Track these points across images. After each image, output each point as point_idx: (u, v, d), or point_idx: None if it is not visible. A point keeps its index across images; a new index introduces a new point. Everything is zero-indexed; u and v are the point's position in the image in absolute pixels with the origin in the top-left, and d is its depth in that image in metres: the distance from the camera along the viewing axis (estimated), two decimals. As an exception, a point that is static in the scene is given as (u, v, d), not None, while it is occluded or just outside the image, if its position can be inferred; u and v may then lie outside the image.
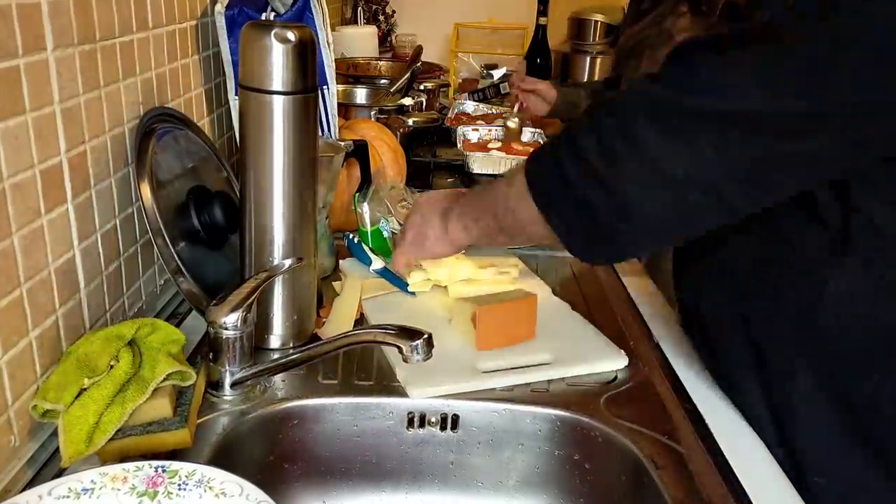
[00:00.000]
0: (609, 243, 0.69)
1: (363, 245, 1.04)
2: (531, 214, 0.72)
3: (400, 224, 1.13)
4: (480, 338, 0.84)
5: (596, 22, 2.30)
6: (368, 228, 1.06)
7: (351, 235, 1.06)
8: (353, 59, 2.05)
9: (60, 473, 0.62)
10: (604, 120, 0.66)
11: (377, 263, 1.01)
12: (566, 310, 0.96)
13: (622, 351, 0.86)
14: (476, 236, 0.83)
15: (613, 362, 0.85)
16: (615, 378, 0.83)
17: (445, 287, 0.97)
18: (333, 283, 1.00)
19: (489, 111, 1.87)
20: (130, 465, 0.58)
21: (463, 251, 1.05)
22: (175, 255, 0.81)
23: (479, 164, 1.50)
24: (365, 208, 1.06)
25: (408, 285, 0.96)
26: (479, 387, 0.79)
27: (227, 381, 0.74)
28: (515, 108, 1.76)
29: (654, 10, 1.65)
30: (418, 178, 1.45)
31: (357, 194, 1.07)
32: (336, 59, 2.04)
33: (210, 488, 0.57)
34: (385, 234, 1.07)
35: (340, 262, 1.05)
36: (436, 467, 0.81)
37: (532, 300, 0.88)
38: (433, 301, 0.96)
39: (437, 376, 0.79)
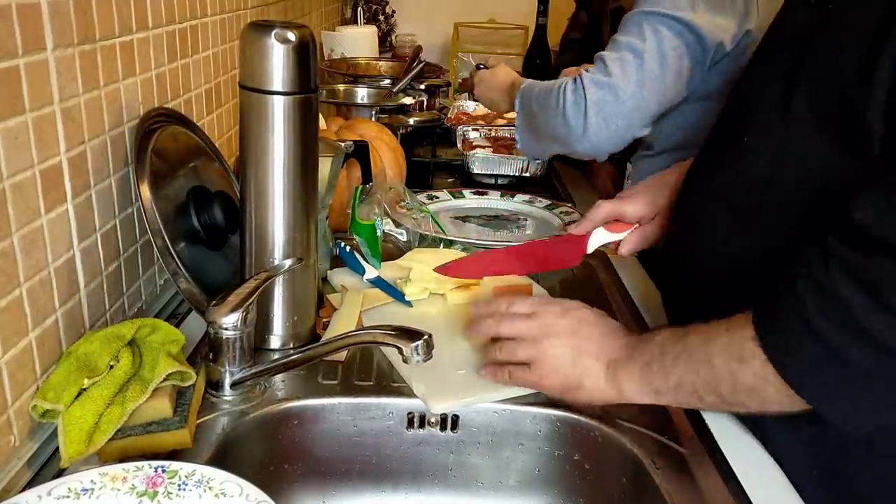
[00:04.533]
0: None
1: (356, 253, 1.01)
2: (784, 394, 0.60)
3: (397, 225, 1.13)
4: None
5: (596, 22, 2.29)
6: (363, 221, 1.04)
7: (342, 244, 1.04)
8: (353, 59, 2.06)
9: (60, 473, 0.62)
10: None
11: (371, 273, 0.99)
12: None
13: None
14: (672, 402, 0.69)
15: None
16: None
17: (443, 294, 0.96)
18: (329, 295, 0.96)
19: (489, 111, 1.87)
20: (130, 465, 0.58)
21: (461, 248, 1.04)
22: (175, 256, 0.81)
23: (479, 164, 1.50)
24: (362, 203, 1.05)
25: (404, 295, 0.95)
26: (503, 396, 0.78)
27: (227, 381, 0.74)
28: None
29: None
30: (418, 178, 1.45)
31: (359, 187, 1.07)
32: (336, 59, 2.05)
33: (210, 488, 0.57)
34: (378, 231, 1.05)
35: (329, 272, 1.02)
36: (436, 467, 0.81)
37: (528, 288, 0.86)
38: (432, 309, 0.95)
39: (456, 388, 0.78)
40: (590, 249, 0.93)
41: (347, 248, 1.03)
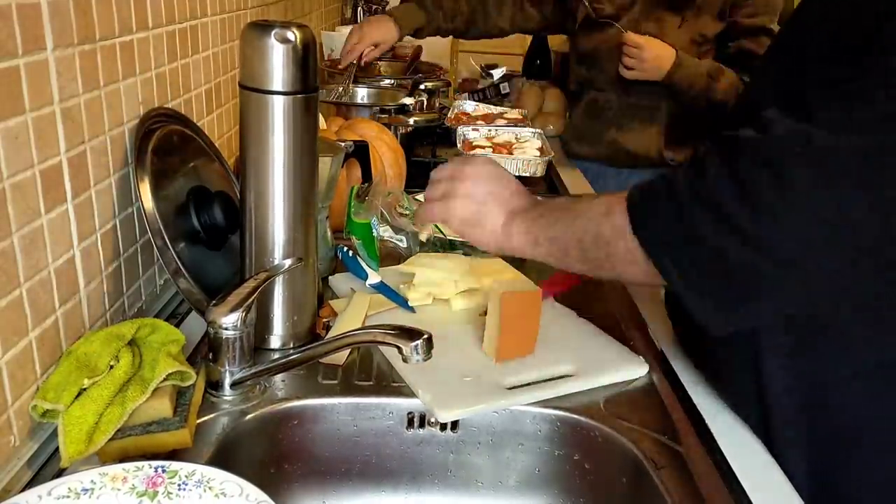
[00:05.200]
0: (750, 297, 0.61)
1: (358, 258, 1.00)
2: (631, 255, 0.65)
3: (396, 231, 1.13)
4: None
5: (596, 22, 2.29)
6: (360, 220, 1.04)
7: (346, 248, 1.03)
8: (353, 59, 2.05)
9: (60, 473, 0.62)
10: (746, 165, 0.58)
11: (373, 278, 0.97)
12: (573, 317, 0.95)
13: (641, 357, 0.85)
14: (544, 255, 0.74)
15: (635, 370, 0.84)
16: (615, 378, 0.83)
17: (447, 300, 0.95)
18: (331, 301, 0.95)
19: (489, 111, 1.88)
20: (130, 465, 0.59)
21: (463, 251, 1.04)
22: (175, 256, 0.81)
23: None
24: (359, 204, 1.05)
25: (407, 300, 0.94)
26: (510, 405, 0.77)
27: (227, 381, 0.74)
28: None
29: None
30: (418, 178, 1.45)
31: (354, 187, 1.06)
32: (336, 59, 2.05)
33: (210, 488, 0.57)
34: (374, 231, 1.05)
35: (330, 278, 1.01)
36: (436, 467, 0.81)
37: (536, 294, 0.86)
38: (437, 315, 0.93)
39: (463, 396, 0.77)
40: None
41: (350, 253, 1.03)
